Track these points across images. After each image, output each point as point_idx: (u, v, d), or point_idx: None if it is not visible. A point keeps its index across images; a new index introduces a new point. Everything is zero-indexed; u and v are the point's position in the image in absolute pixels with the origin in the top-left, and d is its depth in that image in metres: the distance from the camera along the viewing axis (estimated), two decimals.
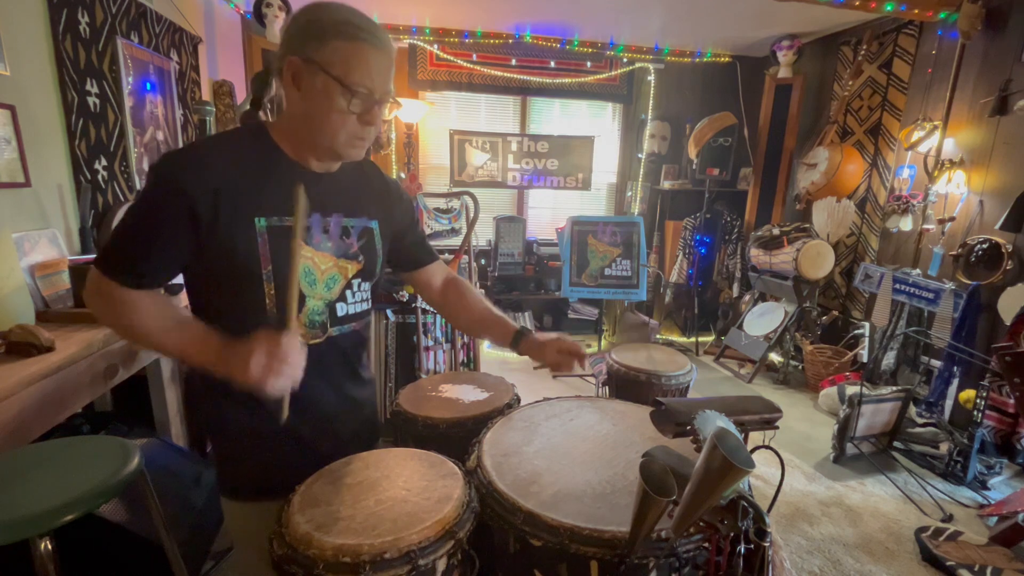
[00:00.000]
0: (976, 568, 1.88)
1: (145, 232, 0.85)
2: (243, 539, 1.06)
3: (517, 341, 1.17)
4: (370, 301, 1.10)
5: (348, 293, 1.03)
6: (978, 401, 2.48)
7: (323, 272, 0.97)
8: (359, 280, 1.04)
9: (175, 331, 0.87)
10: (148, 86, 2.47)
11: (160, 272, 0.89)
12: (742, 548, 0.74)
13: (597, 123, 4.88)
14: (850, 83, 3.81)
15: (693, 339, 4.58)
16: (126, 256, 0.86)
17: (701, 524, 0.78)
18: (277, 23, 3.35)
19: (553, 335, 1.15)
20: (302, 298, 0.95)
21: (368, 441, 1.18)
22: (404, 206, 1.17)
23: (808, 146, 4.16)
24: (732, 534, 0.74)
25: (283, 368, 0.80)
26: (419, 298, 2.70)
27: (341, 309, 1.02)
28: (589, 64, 4.57)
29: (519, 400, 1.46)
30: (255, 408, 0.91)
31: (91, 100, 2.09)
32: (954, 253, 3.04)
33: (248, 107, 1.04)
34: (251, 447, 0.99)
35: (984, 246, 2.91)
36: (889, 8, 3.16)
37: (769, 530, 0.73)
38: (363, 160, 1.07)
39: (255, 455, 0.99)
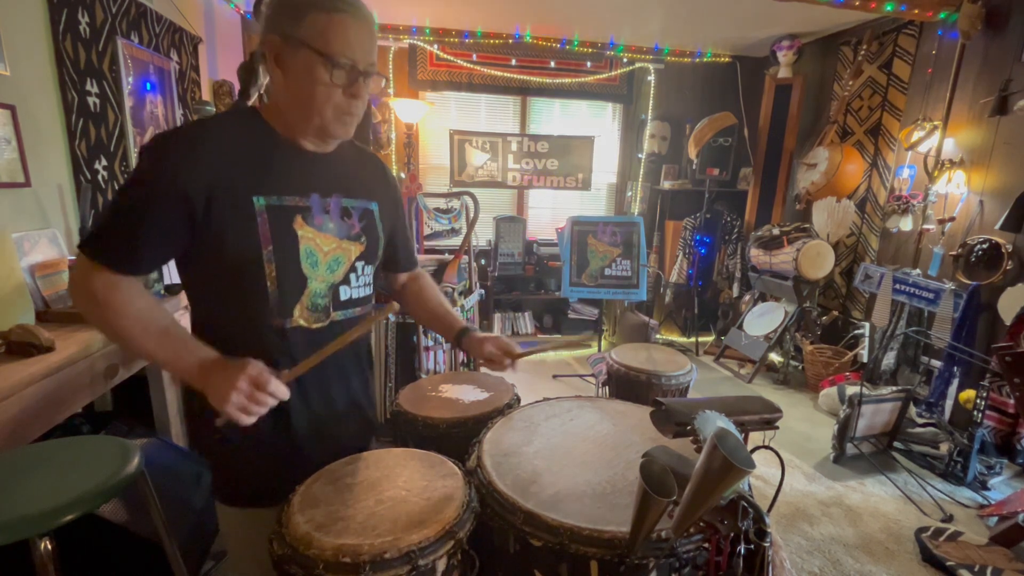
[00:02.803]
0: (976, 568, 1.88)
1: (138, 213, 0.83)
2: (239, 545, 1.05)
3: (460, 337, 1.20)
4: (372, 286, 1.10)
5: (352, 276, 1.02)
6: (978, 401, 2.48)
7: (326, 254, 0.96)
8: (362, 263, 1.04)
9: (159, 336, 0.84)
10: (148, 86, 2.47)
11: (152, 255, 0.87)
12: (742, 548, 0.74)
13: (597, 123, 4.88)
14: (850, 83, 3.81)
15: (693, 339, 4.58)
16: (117, 237, 0.84)
17: (701, 524, 0.78)
18: None
19: (491, 334, 1.19)
20: (303, 280, 0.94)
21: (364, 438, 1.17)
22: (399, 197, 1.19)
23: (808, 146, 4.16)
24: (732, 534, 0.74)
25: (259, 409, 0.81)
26: None
27: (344, 293, 1.01)
28: (589, 64, 4.57)
29: (519, 400, 1.46)
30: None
31: (91, 100, 2.09)
32: (954, 253, 3.04)
33: (236, 99, 1.04)
34: (250, 451, 0.97)
35: (984, 246, 2.90)
36: (889, 8, 3.16)
37: (769, 530, 0.73)
38: (361, 147, 1.08)
39: (253, 460, 0.98)
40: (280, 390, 0.83)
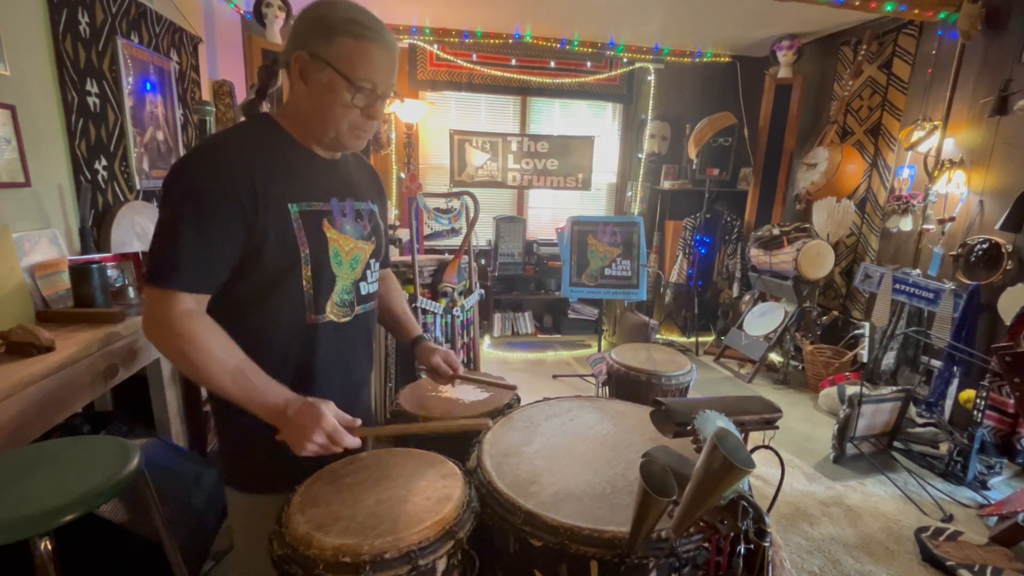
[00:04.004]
0: (976, 568, 1.88)
1: (201, 228, 0.85)
2: (248, 531, 1.07)
3: (415, 344, 1.31)
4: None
5: (368, 273, 1.09)
6: (978, 401, 2.48)
7: (347, 253, 1.03)
8: (374, 260, 1.11)
9: (235, 374, 0.87)
10: (148, 86, 2.47)
11: (222, 268, 0.90)
12: (742, 548, 0.74)
13: (597, 123, 4.88)
14: (850, 83, 3.81)
15: (693, 339, 4.58)
16: (186, 257, 0.85)
17: (701, 524, 0.78)
18: (277, 23, 3.35)
19: (442, 348, 1.30)
20: (333, 279, 1.01)
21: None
22: (385, 198, 1.25)
23: (808, 146, 4.16)
24: (732, 534, 0.74)
25: (331, 451, 0.88)
26: (418, 298, 2.71)
27: (363, 288, 1.09)
28: (589, 64, 4.57)
29: (519, 400, 1.46)
30: None
31: (91, 100, 2.09)
32: (954, 253, 3.04)
33: (252, 96, 1.07)
34: (265, 440, 0.98)
35: (984, 246, 2.90)
36: (889, 8, 3.16)
37: (769, 530, 0.73)
38: (355, 152, 1.14)
39: (268, 447, 0.99)
40: (353, 443, 0.90)
